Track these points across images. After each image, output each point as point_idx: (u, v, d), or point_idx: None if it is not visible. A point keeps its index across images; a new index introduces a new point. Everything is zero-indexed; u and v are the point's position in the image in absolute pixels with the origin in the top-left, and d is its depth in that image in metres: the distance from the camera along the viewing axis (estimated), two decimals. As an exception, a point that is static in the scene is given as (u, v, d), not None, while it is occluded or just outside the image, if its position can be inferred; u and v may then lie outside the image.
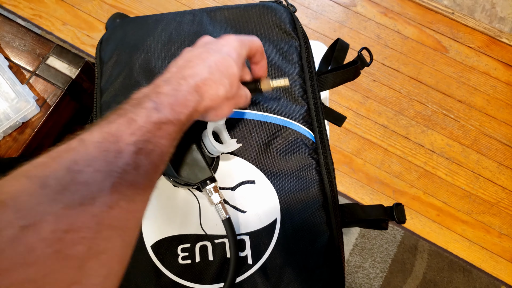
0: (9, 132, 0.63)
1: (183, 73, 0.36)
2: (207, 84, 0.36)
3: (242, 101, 0.42)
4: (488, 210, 1.26)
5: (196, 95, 0.35)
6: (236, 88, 0.39)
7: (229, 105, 0.39)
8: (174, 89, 0.34)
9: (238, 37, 0.41)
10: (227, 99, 0.38)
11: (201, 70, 0.36)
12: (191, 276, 0.45)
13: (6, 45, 0.66)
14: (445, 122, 1.36)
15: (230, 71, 0.38)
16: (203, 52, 0.39)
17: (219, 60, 0.38)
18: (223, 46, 0.39)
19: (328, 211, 0.48)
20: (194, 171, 0.43)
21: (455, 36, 1.46)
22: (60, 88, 0.66)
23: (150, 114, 0.30)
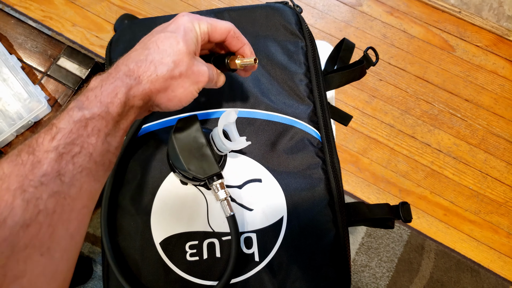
0: (21, 131, 0.64)
1: (118, 62, 0.34)
2: (143, 66, 0.34)
3: (202, 78, 0.37)
4: (496, 210, 1.26)
5: (128, 79, 0.33)
6: (186, 65, 0.35)
7: (183, 85, 0.36)
8: (101, 80, 0.32)
9: (191, 14, 0.38)
10: (174, 78, 0.35)
11: (138, 54, 0.35)
12: (199, 273, 0.46)
13: (19, 47, 0.68)
14: (452, 121, 1.35)
15: (174, 48, 0.35)
16: (147, 37, 0.37)
17: (160, 40, 0.35)
18: (169, 25, 0.37)
19: (334, 209, 0.49)
20: (203, 166, 0.43)
21: (462, 35, 1.46)
22: (71, 88, 0.67)
23: (72, 114, 0.29)
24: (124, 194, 0.49)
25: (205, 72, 0.37)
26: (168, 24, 0.37)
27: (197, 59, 0.38)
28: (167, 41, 0.35)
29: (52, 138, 0.27)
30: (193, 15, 0.38)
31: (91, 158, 0.29)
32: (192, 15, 0.38)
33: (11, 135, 0.63)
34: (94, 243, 1.17)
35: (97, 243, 1.16)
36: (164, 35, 0.35)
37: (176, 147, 0.44)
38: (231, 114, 0.44)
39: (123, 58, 0.35)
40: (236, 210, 0.48)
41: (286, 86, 0.54)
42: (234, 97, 0.53)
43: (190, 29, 0.37)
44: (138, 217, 0.48)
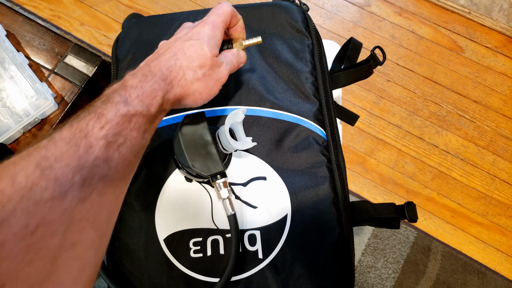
0: (28, 129, 0.65)
1: (149, 65, 0.37)
2: (174, 71, 0.37)
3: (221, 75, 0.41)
4: (504, 212, 1.25)
5: (164, 84, 0.35)
6: (208, 67, 0.39)
7: (207, 85, 0.39)
8: (140, 81, 0.34)
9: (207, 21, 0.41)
10: (200, 80, 0.38)
11: (167, 59, 0.37)
12: (203, 270, 0.46)
13: (26, 44, 0.68)
14: (460, 123, 1.34)
15: (200, 53, 0.38)
16: (170, 42, 0.40)
17: (187, 46, 0.38)
18: (194, 34, 0.40)
19: (339, 208, 0.49)
20: (207, 164, 0.44)
21: (471, 36, 1.44)
22: (78, 86, 0.67)
23: (119, 108, 0.31)
24: (129, 190, 0.49)
25: (224, 70, 0.41)
26: (191, 33, 0.40)
27: (218, 60, 0.40)
28: (193, 48, 0.38)
29: (102, 127, 0.29)
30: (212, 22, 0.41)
31: (132, 150, 0.31)
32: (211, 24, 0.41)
33: (18, 132, 0.63)
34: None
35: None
36: (190, 43, 0.39)
37: (181, 143, 0.44)
38: (238, 114, 0.45)
39: (154, 61, 0.37)
40: (240, 207, 0.48)
41: (292, 84, 0.54)
42: (240, 95, 0.53)
43: (212, 36, 0.40)
44: (143, 213, 0.48)
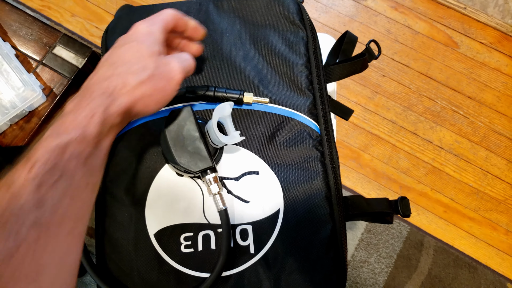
0: (15, 121, 0.63)
1: (88, 83, 0.34)
2: (113, 81, 0.33)
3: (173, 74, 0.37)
4: (496, 208, 1.25)
5: (103, 98, 0.32)
6: (152, 67, 0.35)
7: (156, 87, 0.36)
8: (76, 103, 0.32)
9: (145, 20, 0.39)
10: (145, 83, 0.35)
11: (104, 72, 0.34)
12: (194, 265, 0.45)
13: (13, 34, 0.67)
14: (454, 119, 1.34)
15: (137, 54, 0.35)
16: (110, 52, 0.37)
17: (123, 52, 0.35)
18: (129, 36, 0.37)
19: (332, 202, 0.48)
20: (195, 159, 0.43)
21: (466, 32, 1.44)
22: (67, 78, 0.66)
23: (49, 143, 0.29)
24: (119, 185, 0.48)
25: (175, 67, 0.37)
26: (126, 36, 0.37)
27: (165, 58, 0.37)
28: (130, 52, 0.35)
29: (30, 170, 0.27)
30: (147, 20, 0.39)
31: (73, 182, 0.29)
32: (146, 21, 0.38)
33: (5, 124, 0.62)
34: (92, 236, 1.16)
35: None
36: (125, 47, 0.36)
37: (167, 139, 0.43)
38: (225, 108, 0.44)
39: (93, 78, 0.34)
40: (232, 202, 0.47)
41: (285, 77, 0.53)
42: (233, 88, 0.52)
43: (148, 33, 0.37)
44: (132, 208, 0.47)
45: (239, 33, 0.54)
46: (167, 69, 0.37)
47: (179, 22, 0.42)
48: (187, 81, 0.52)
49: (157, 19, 0.39)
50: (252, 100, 0.49)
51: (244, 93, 0.49)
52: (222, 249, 0.43)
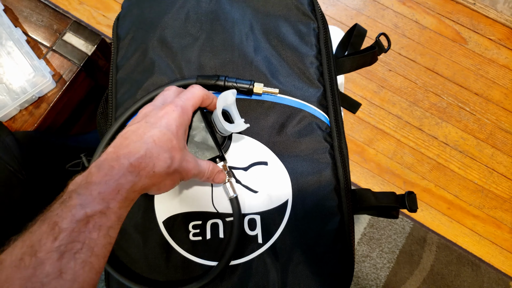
0: (25, 106, 0.63)
1: (118, 153, 0.35)
2: (143, 162, 0.34)
3: (188, 175, 0.40)
4: (501, 206, 1.25)
5: (131, 176, 0.34)
6: (178, 162, 0.37)
7: (173, 179, 0.38)
8: (105, 174, 0.33)
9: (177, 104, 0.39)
10: (169, 174, 0.37)
11: (136, 148, 0.35)
12: (201, 253, 0.45)
13: (24, 20, 0.67)
14: (460, 115, 1.33)
15: (169, 145, 0.37)
16: (140, 127, 0.37)
17: (157, 135, 0.36)
18: (161, 118, 0.38)
19: (340, 195, 0.48)
20: (202, 149, 0.43)
21: (475, 28, 1.43)
22: (76, 65, 0.66)
23: (75, 213, 0.30)
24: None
25: (191, 170, 0.40)
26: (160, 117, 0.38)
27: (187, 155, 0.40)
28: (163, 138, 0.36)
29: (55, 239, 0.29)
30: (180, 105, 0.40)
31: (93, 253, 0.30)
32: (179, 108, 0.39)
33: (15, 109, 0.62)
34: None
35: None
36: (159, 131, 0.37)
37: None
38: (228, 96, 0.43)
39: (122, 149, 0.35)
40: (240, 191, 0.47)
41: (296, 68, 0.52)
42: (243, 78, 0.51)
43: (181, 124, 0.39)
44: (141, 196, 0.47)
45: (250, 23, 0.54)
46: (188, 167, 0.39)
47: (205, 101, 0.44)
48: (198, 70, 0.52)
49: (190, 105, 0.40)
50: (262, 91, 0.49)
51: (254, 83, 0.49)
52: (233, 236, 0.43)
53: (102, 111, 0.56)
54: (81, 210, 0.30)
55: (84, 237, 0.30)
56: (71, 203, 0.31)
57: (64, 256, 0.28)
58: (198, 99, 0.42)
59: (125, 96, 0.52)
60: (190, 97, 0.41)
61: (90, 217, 0.30)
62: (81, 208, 0.30)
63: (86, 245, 0.30)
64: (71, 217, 0.30)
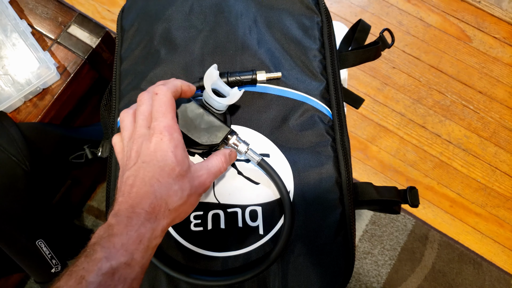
0: (29, 98, 0.64)
1: (130, 203, 0.35)
2: (157, 205, 0.35)
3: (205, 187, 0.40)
4: (503, 204, 1.25)
5: (149, 223, 0.34)
6: (189, 186, 0.38)
7: (191, 202, 0.39)
8: (125, 225, 0.33)
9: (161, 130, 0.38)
10: (185, 202, 0.37)
11: (146, 194, 0.35)
12: (202, 243, 0.46)
13: (29, 12, 0.67)
14: (464, 113, 1.33)
15: (173, 175, 0.36)
16: (139, 169, 0.37)
17: (159, 173, 0.36)
18: (155, 153, 0.37)
19: (342, 188, 0.48)
20: (213, 132, 0.43)
21: (480, 26, 1.42)
22: (81, 57, 0.66)
23: (101, 266, 0.30)
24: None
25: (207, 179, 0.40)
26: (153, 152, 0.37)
27: (195, 170, 0.39)
28: (164, 173, 0.36)
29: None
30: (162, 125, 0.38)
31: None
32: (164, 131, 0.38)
33: (19, 100, 0.63)
34: (98, 216, 1.18)
35: (101, 217, 1.17)
36: (159, 167, 0.36)
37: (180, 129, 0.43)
38: (212, 73, 0.43)
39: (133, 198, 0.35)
40: (242, 183, 0.47)
41: (299, 61, 0.53)
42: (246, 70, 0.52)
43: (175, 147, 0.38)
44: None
45: (254, 16, 0.54)
46: (201, 182, 0.39)
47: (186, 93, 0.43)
48: (201, 62, 0.52)
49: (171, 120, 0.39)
50: (265, 78, 0.49)
51: (256, 72, 0.49)
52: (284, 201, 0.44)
53: (105, 103, 0.56)
54: (107, 263, 0.30)
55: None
56: (96, 256, 0.31)
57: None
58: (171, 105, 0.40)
59: (128, 87, 0.52)
60: (164, 112, 0.39)
61: (115, 269, 0.31)
62: (106, 261, 0.30)
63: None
64: (97, 271, 0.30)
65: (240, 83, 0.49)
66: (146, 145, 0.38)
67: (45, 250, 0.66)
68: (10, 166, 0.61)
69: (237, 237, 0.46)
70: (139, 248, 0.33)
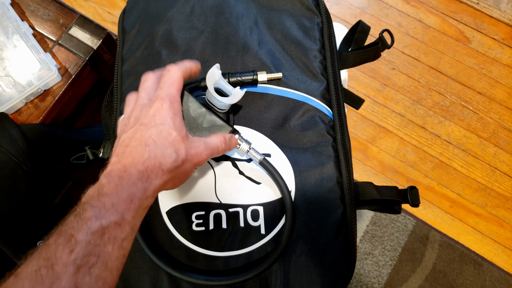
0: (31, 99, 0.64)
1: (123, 163, 0.35)
2: (150, 165, 0.35)
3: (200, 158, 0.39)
4: (503, 204, 1.25)
5: (141, 182, 0.34)
6: (184, 151, 0.37)
7: (185, 170, 0.38)
8: (116, 185, 0.33)
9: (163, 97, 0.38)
10: (178, 167, 0.37)
11: (140, 153, 0.35)
12: (204, 243, 0.46)
13: (30, 14, 0.67)
14: (464, 114, 1.33)
15: (170, 139, 0.36)
16: (136, 131, 0.37)
17: (155, 134, 0.36)
18: (153, 116, 0.37)
19: (343, 187, 0.48)
20: (215, 131, 0.43)
21: (478, 27, 1.43)
22: (82, 58, 0.66)
23: (90, 225, 0.30)
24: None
25: (202, 153, 0.39)
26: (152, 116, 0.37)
27: (192, 141, 0.39)
28: (162, 135, 0.36)
29: (71, 251, 0.29)
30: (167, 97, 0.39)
31: (107, 267, 0.30)
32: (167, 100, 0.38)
33: (20, 102, 0.63)
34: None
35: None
36: (156, 129, 0.36)
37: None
38: (215, 72, 0.43)
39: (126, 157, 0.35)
40: (244, 183, 0.47)
41: (299, 62, 0.53)
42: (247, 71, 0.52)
43: (175, 114, 0.38)
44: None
45: (254, 17, 0.54)
46: (197, 153, 0.39)
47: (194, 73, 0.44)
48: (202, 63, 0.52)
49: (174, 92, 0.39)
50: (266, 78, 0.49)
51: (257, 72, 0.49)
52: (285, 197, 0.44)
53: (107, 104, 0.57)
54: (96, 222, 0.30)
55: (99, 250, 0.30)
56: (85, 215, 0.31)
57: (80, 270, 0.28)
58: (179, 81, 0.41)
59: (130, 88, 0.53)
60: (171, 83, 0.40)
61: (105, 228, 0.30)
62: (96, 220, 0.30)
63: (101, 259, 0.30)
64: (86, 229, 0.30)
65: (241, 84, 0.49)
66: (146, 110, 0.38)
67: (47, 251, 0.66)
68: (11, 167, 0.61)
69: (238, 237, 0.46)
70: (130, 207, 0.32)
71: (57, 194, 0.79)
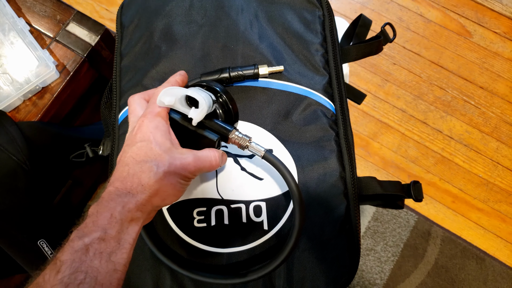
0: (29, 96, 0.63)
1: (108, 188, 0.36)
2: (129, 181, 0.35)
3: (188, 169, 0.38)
4: (505, 199, 1.24)
5: (119, 198, 0.34)
6: (167, 163, 0.36)
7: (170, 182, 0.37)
8: (97, 205, 0.34)
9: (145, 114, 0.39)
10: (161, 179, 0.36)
11: (120, 172, 0.36)
12: (206, 239, 0.45)
13: (27, 10, 0.67)
14: (465, 109, 1.33)
15: (150, 153, 0.36)
16: (121, 154, 0.38)
17: (135, 152, 0.37)
18: (135, 135, 0.38)
19: (346, 182, 0.48)
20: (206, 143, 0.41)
21: (480, 21, 1.42)
22: (80, 55, 0.66)
23: (73, 244, 0.31)
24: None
25: (189, 164, 0.38)
26: (134, 135, 0.38)
27: (181, 152, 0.38)
28: (142, 151, 0.37)
29: (57, 272, 0.29)
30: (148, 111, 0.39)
31: (97, 282, 0.30)
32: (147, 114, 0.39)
33: (18, 99, 0.62)
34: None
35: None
36: (137, 147, 0.37)
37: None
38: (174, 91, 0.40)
39: (111, 182, 0.36)
40: (246, 179, 0.47)
41: (301, 55, 0.52)
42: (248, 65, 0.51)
43: (155, 128, 0.38)
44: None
45: (255, 11, 0.53)
46: (183, 163, 0.38)
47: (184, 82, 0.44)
48: (202, 57, 0.51)
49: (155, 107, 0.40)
50: (268, 71, 0.48)
51: (258, 66, 0.48)
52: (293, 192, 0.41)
53: (106, 101, 0.56)
54: (79, 241, 0.31)
55: (86, 266, 0.30)
56: (69, 239, 0.32)
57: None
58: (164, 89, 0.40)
59: (129, 84, 0.52)
60: (154, 101, 0.40)
61: (89, 245, 0.31)
62: (78, 239, 0.31)
63: (89, 275, 0.30)
64: (70, 249, 0.31)
65: (242, 78, 0.49)
66: (130, 131, 0.40)
67: (47, 250, 0.65)
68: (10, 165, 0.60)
69: (241, 233, 0.45)
70: (112, 222, 0.33)
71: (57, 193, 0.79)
